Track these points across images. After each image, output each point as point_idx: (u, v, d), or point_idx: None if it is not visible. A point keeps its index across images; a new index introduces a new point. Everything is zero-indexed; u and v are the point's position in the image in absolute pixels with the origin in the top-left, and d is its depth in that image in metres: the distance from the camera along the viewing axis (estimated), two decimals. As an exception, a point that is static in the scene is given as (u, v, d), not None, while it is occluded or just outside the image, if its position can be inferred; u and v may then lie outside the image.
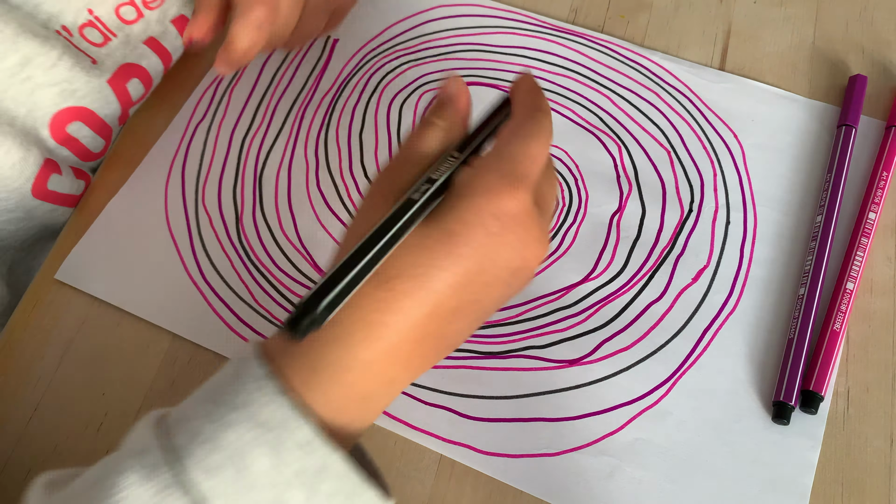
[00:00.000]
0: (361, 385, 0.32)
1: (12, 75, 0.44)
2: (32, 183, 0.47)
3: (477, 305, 0.34)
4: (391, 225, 0.31)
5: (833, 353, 0.44)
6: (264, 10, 0.44)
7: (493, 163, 0.34)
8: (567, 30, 0.58)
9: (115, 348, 0.46)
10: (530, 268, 0.35)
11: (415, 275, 0.32)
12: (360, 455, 0.34)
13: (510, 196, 0.33)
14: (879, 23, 0.58)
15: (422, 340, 0.32)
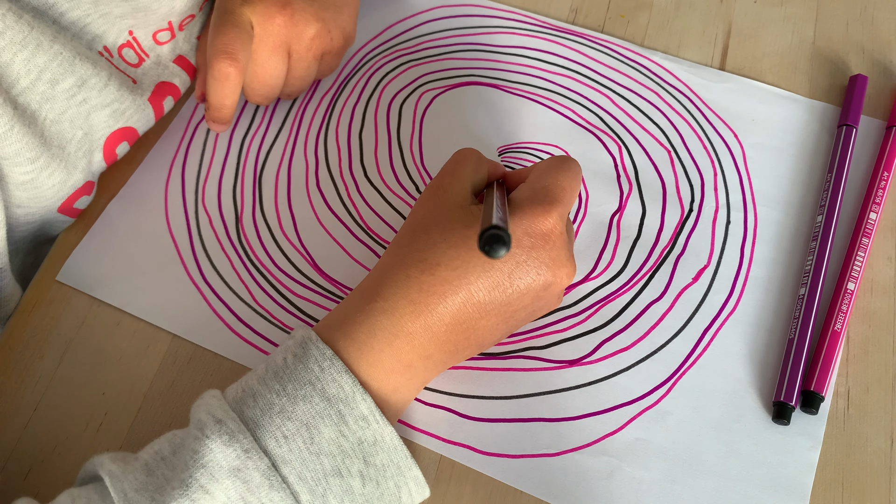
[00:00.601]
0: (406, 353, 0.38)
1: (70, 97, 0.44)
2: (63, 202, 0.47)
3: (507, 308, 0.39)
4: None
5: (833, 353, 0.44)
6: (225, 61, 0.46)
7: (527, 190, 0.40)
8: (567, 30, 0.58)
9: (115, 348, 0.46)
10: (560, 284, 0.40)
11: (455, 266, 0.38)
12: None
13: (543, 217, 0.38)
14: (880, 23, 0.58)
15: (455, 326, 0.38)
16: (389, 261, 0.40)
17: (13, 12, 0.40)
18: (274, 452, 0.34)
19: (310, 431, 0.34)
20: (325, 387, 0.35)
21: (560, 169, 0.41)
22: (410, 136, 0.54)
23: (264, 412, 0.35)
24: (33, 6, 0.42)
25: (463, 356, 0.41)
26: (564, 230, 0.40)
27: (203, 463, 0.33)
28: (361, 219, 0.51)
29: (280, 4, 0.47)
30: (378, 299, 0.38)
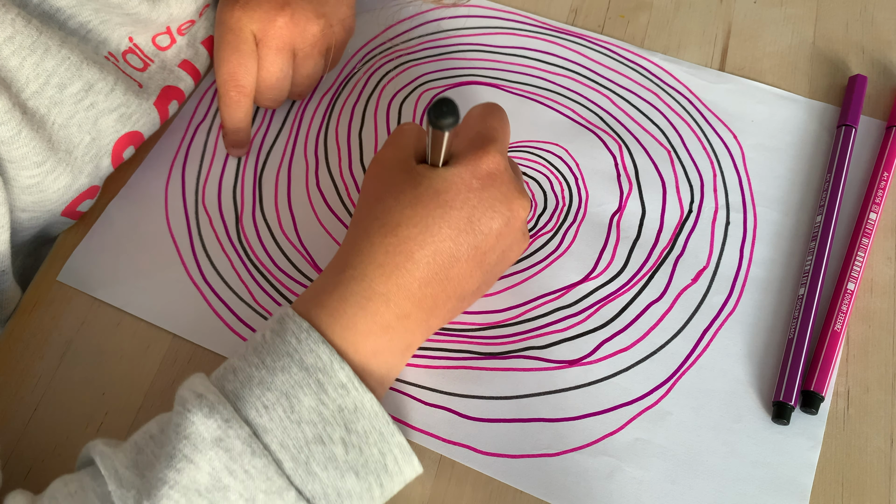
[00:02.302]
0: (382, 314, 0.38)
1: (78, 101, 0.44)
2: (67, 206, 0.47)
3: (475, 252, 0.40)
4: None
5: (833, 353, 0.44)
6: (232, 91, 0.49)
7: (463, 141, 0.41)
8: (567, 31, 0.58)
9: (115, 348, 0.46)
10: (518, 217, 0.41)
11: (415, 223, 0.39)
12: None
13: (484, 158, 0.40)
14: (879, 23, 0.58)
15: (428, 280, 0.39)
16: (352, 234, 0.41)
17: (22, 17, 0.40)
18: (255, 422, 0.34)
19: (289, 401, 0.35)
20: (303, 357, 0.36)
21: (486, 114, 0.43)
22: (410, 136, 0.54)
23: (244, 384, 0.35)
24: (41, 11, 0.42)
25: (445, 311, 0.41)
26: (508, 166, 0.41)
27: (186, 435, 0.34)
28: (361, 219, 0.51)
29: (278, 6, 0.48)
30: (347, 269, 0.39)
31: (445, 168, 0.40)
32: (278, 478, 0.34)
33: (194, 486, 0.33)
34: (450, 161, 0.40)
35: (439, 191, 0.39)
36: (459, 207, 0.39)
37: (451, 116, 0.35)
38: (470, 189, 0.39)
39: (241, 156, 0.53)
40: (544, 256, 0.49)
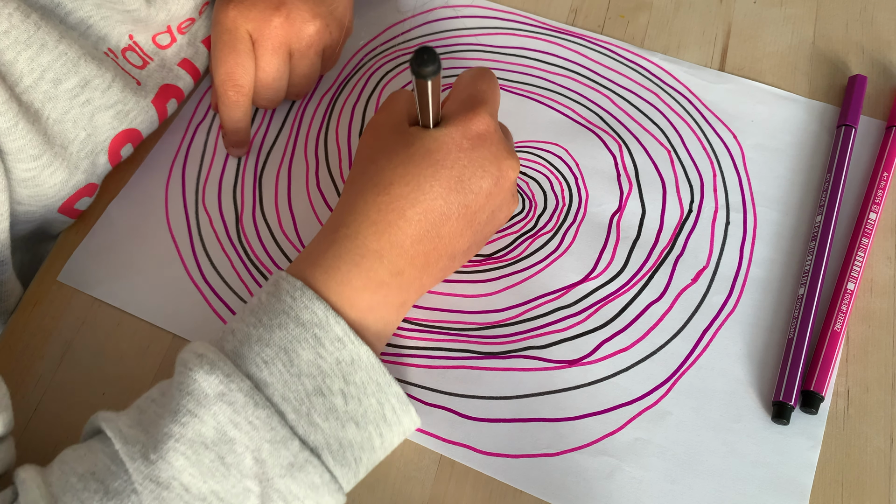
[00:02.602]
0: (376, 271, 0.39)
1: (73, 97, 0.44)
2: (63, 203, 0.47)
3: (466, 210, 0.41)
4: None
5: (833, 353, 0.44)
6: (230, 91, 0.49)
7: (454, 104, 0.43)
8: (566, 31, 0.58)
9: (115, 348, 0.46)
10: (507, 178, 0.42)
11: (407, 181, 0.40)
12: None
13: (475, 119, 0.41)
14: (879, 23, 0.58)
15: (420, 237, 0.40)
16: (346, 195, 0.42)
17: (21, 11, 0.40)
18: (256, 377, 0.35)
19: (288, 355, 0.36)
20: (299, 314, 0.37)
21: (476, 78, 0.44)
22: (410, 136, 0.54)
23: (242, 343, 0.36)
24: (41, 5, 0.42)
25: (437, 269, 0.42)
26: (497, 128, 0.42)
27: (189, 391, 0.35)
28: (361, 219, 0.51)
29: (274, 6, 0.48)
30: (341, 227, 0.40)
31: (437, 129, 0.41)
32: (282, 428, 0.35)
33: (200, 440, 0.34)
34: (441, 123, 0.42)
35: (430, 150, 0.40)
36: (450, 167, 0.40)
37: (432, 64, 0.35)
38: (460, 149, 0.40)
39: (242, 156, 0.53)
40: (544, 256, 0.49)
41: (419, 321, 0.47)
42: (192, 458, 0.34)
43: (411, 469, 0.43)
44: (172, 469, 0.33)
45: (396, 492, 0.42)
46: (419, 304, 0.47)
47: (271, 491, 0.35)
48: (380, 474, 0.42)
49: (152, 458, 0.33)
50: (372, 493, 0.42)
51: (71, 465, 0.35)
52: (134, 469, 0.33)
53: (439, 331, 0.46)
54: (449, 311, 0.47)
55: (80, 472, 0.34)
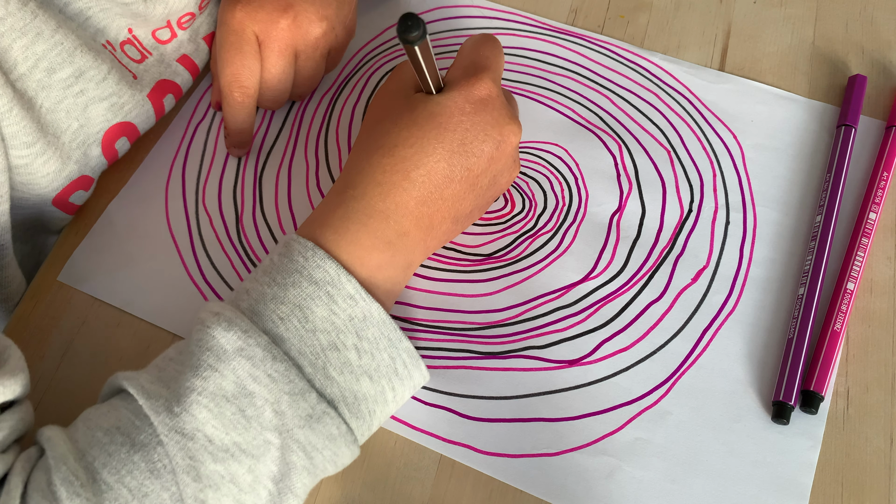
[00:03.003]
0: (383, 231, 0.40)
1: (67, 87, 0.44)
2: (57, 194, 0.47)
3: (468, 174, 0.42)
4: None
5: (833, 353, 0.44)
6: (236, 92, 0.49)
7: (457, 70, 0.44)
8: (567, 31, 0.58)
9: (115, 348, 0.46)
10: (509, 142, 0.43)
11: (411, 144, 0.41)
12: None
13: (477, 84, 0.42)
14: (879, 23, 0.58)
15: (423, 199, 0.41)
16: (353, 158, 0.43)
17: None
18: (272, 332, 0.37)
19: (303, 311, 0.37)
20: (312, 272, 0.38)
21: (480, 44, 0.45)
22: (410, 136, 0.54)
23: (258, 301, 0.38)
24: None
25: (441, 232, 0.43)
26: (500, 94, 0.43)
27: (208, 347, 0.36)
28: (361, 219, 0.51)
29: (281, 8, 0.48)
30: (348, 189, 0.41)
31: (440, 94, 0.42)
32: (300, 380, 0.36)
33: (221, 393, 0.35)
34: (444, 89, 0.43)
35: (434, 114, 0.41)
36: (453, 130, 0.41)
37: (416, 29, 0.36)
38: (463, 113, 0.42)
39: (242, 156, 0.53)
40: (544, 256, 0.49)
41: (419, 321, 0.47)
42: (214, 411, 0.35)
43: (411, 469, 0.43)
44: (196, 421, 0.34)
45: (396, 492, 0.42)
46: (419, 304, 0.47)
47: (291, 441, 0.36)
48: (380, 474, 0.43)
49: (176, 410, 0.34)
50: (372, 493, 0.42)
51: (95, 421, 0.36)
52: (159, 422, 0.34)
53: (439, 331, 0.46)
54: (449, 311, 0.47)
55: (105, 427, 0.35)
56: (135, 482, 0.33)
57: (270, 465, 0.35)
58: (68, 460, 0.34)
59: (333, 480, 0.42)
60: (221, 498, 0.34)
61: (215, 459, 0.34)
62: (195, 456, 0.34)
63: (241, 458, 0.35)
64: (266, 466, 0.35)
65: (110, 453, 0.34)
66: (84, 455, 0.34)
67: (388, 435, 0.44)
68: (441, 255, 0.49)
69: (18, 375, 0.37)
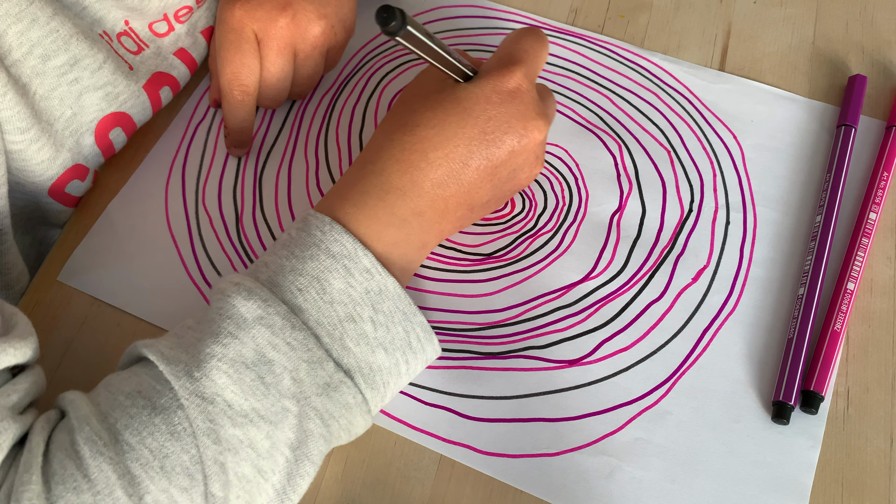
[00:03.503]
0: (399, 207, 0.41)
1: (61, 75, 0.44)
2: (52, 183, 0.47)
3: (487, 163, 0.42)
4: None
5: (833, 353, 0.44)
6: (236, 90, 0.49)
7: (493, 59, 0.44)
8: (567, 31, 0.58)
9: (115, 348, 0.46)
10: (532, 138, 0.43)
11: (433, 125, 0.41)
12: None
13: (508, 75, 0.42)
14: (879, 23, 0.58)
15: (440, 181, 0.41)
16: (376, 135, 0.44)
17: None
18: (291, 303, 0.37)
19: (321, 283, 0.38)
20: (329, 246, 0.39)
21: (522, 35, 0.45)
22: (410, 136, 0.54)
23: (277, 273, 0.38)
24: None
25: (455, 217, 0.44)
26: (532, 88, 0.43)
27: (228, 315, 0.37)
28: (361, 219, 0.51)
29: (280, 6, 0.48)
30: (368, 164, 0.42)
31: (470, 81, 0.43)
32: (318, 349, 0.37)
33: (241, 360, 0.36)
34: (476, 77, 0.43)
35: (460, 99, 0.42)
36: (476, 117, 0.42)
37: (392, 20, 0.35)
38: (489, 102, 0.42)
39: (242, 156, 0.53)
40: (544, 256, 0.49)
41: (419, 321, 0.47)
42: (234, 377, 0.35)
43: (411, 469, 0.43)
44: (216, 386, 0.35)
45: (396, 492, 0.42)
46: (420, 304, 0.47)
47: (308, 409, 0.37)
48: (380, 474, 0.43)
49: (196, 375, 0.35)
50: (372, 493, 0.42)
51: (117, 386, 0.36)
52: (179, 386, 0.35)
53: (439, 331, 0.46)
54: (449, 312, 0.47)
55: (126, 391, 0.36)
56: (156, 443, 0.34)
57: (288, 433, 0.36)
58: (91, 421, 0.34)
59: (333, 480, 0.42)
60: (240, 462, 0.35)
61: (234, 424, 0.35)
62: (215, 419, 0.35)
63: (260, 424, 0.35)
64: (284, 433, 0.36)
65: (132, 415, 0.35)
66: (106, 417, 0.35)
67: (388, 435, 0.44)
68: (441, 255, 0.49)
69: (28, 339, 0.37)
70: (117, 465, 0.33)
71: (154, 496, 0.33)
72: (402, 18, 0.35)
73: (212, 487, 0.34)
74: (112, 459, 0.33)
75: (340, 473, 0.42)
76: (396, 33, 0.36)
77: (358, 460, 0.43)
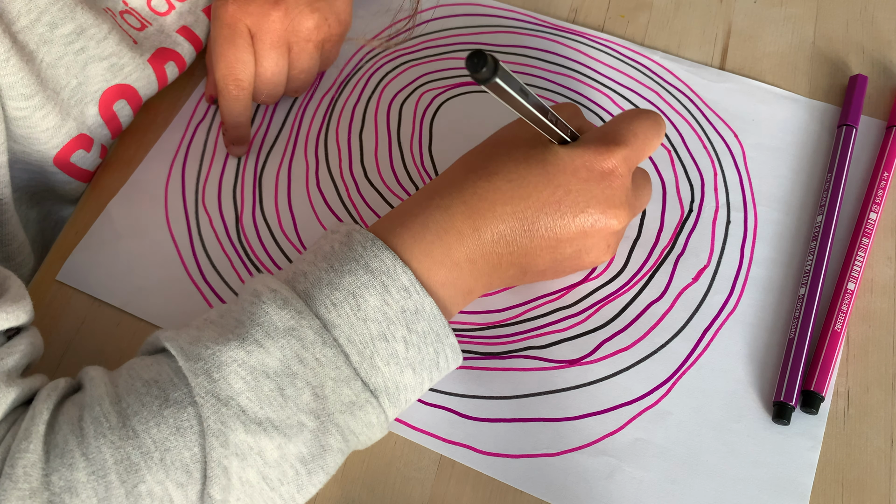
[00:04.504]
0: (455, 250, 0.40)
1: (68, 44, 0.45)
2: (57, 152, 0.47)
3: (552, 235, 0.41)
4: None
5: (833, 353, 0.44)
6: (230, 85, 0.49)
7: (598, 131, 0.42)
8: (567, 29, 0.58)
9: (115, 348, 0.46)
10: (609, 227, 0.41)
11: (511, 178, 0.40)
12: None
13: (606, 154, 0.40)
14: (880, 22, 0.58)
15: (500, 237, 0.40)
16: (455, 166, 0.43)
17: None
18: (324, 317, 0.37)
19: (356, 299, 0.37)
20: (369, 261, 0.38)
21: (636, 116, 0.43)
22: (411, 136, 0.54)
23: (314, 285, 0.38)
24: None
25: (506, 275, 0.42)
26: (627, 174, 0.41)
27: (259, 322, 0.36)
28: (361, 219, 0.51)
29: (273, 1, 0.48)
30: (436, 197, 0.41)
31: (565, 146, 0.41)
32: (346, 367, 0.36)
33: (262, 368, 0.35)
34: (575, 144, 0.41)
35: (547, 162, 0.40)
36: (557, 185, 0.40)
37: (482, 67, 0.31)
38: (575, 174, 0.40)
39: (242, 155, 0.53)
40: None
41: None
42: (251, 384, 0.35)
43: (411, 469, 0.43)
44: (231, 390, 0.35)
45: (396, 492, 0.42)
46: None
47: (330, 425, 0.36)
48: (380, 474, 0.42)
49: (215, 376, 0.35)
50: (372, 493, 0.42)
51: (138, 371, 0.37)
52: (196, 384, 0.35)
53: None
54: (449, 311, 0.47)
55: (144, 378, 0.36)
56: (160, 435, 0.34)
57: (300, 447, 0.36)
58: (104, 402, 0.35)
59: (333, 480, 0.42)
60: (246, 468, 0.35)
61: (247, 430, 0.35)
62: (226, 422, 0.35)
63: (273, 434, 0.35)
64: (296, 447, 0.36)
65: (144, 403, 0.35)
66: (120, 400, 0.35)
67: (388, 435, 0.43)
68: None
69: (21, 302, 0.37)
70: (118, 449, 0.34)
71: (149, 486, 0.34)
72: (494, 68, 0.32)
73: (210, 489, 0.34)
74: (114, 444, 0.34)
75: (340, 473, 0.42)
76: (485, 81, 0.33)
77: (358, 460, 0.43)
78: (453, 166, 0.43)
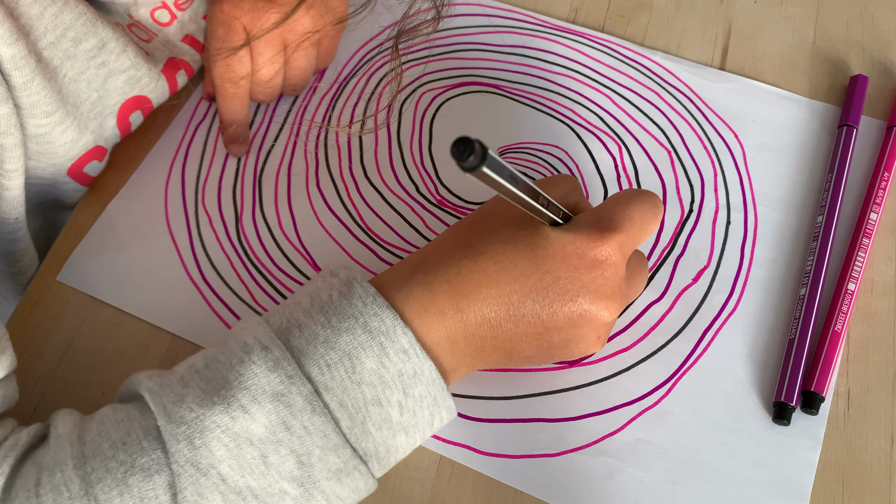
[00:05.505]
0: (434, 330, 0.37)
1: (90, 58, 0.45)
2: (72, 164, 0.47)
3: (539, 323, 0.38)
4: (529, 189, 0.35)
5: (834, 353, 0.44)
6: (227, 84, 0.50)
7: (592, 215, 0.40)
8: (567, 29, 0.58)
9: (115, 348, 0.46)
10: (599, 319, 0.39)
11: (498, 260, 0.38)
12: None
13: (599, 241, 0.38)
14: (880, 22, 0.58)
15: (483, 321, 0.38)
16: (443, 238, 0.41)
17: None
18: (317, 380, 0.35)
19: (352, 361, 0.35)
20: (368, 320, 0.36)
21: (633, 198, 0.40)
22: (410, 136, 0.54)
23: (309, 342, 0.36)
24: None
25: (490, 360, 0.40)
26: (621, 262, 0.39)
27: (247, 385, 0.34)
28: (361, 219, 0.51)
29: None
30: (419, 272, 0.39)
31: (557, 228, 0.39)
32: (335, 436, 0.35)
33: (246, 435, 0.34)
34: (567, 227, 0.39)
35: (536, 246, 0.38)
36: (545, 271, 0.38)
37: (469, 156, 0.29)
38: (565, 261, 0.38)
39: (241, 155, 0.53)
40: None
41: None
42: (233, 451, 0.34)
43: (411, 469, 0.43)
44: (213, 457, 0.34)
45: (396, 492, 0.42)
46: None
47: (315, 491, 0.35)
48: (380, 475, 0.42)
49: (196, 443, 0.34)
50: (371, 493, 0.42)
51: (107, 427, 0.35)
52: (176, 451, 0.33)
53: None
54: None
55: (113, 439, 0.35)
56: None
57: None
58: (66, 468, 0.34)
59: (333, 481, 0.42)
60: None
61: (225, 500, 0.34)
62: (204, 493, 0.33)
63: (252, 503, 0.34)
64: None
65: (108, 469, 0.34)
66: (86, 463, 0.34)
67: (388, 435, 0.43)
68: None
69: (3, 355, 0.37)
70: None
71: None
72: (483, 155, 0.29)
73: None
74: None
75: (340, 474, 0.42)
76: (472, 170, 0.29)
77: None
78: (440, 238, 0.41)
